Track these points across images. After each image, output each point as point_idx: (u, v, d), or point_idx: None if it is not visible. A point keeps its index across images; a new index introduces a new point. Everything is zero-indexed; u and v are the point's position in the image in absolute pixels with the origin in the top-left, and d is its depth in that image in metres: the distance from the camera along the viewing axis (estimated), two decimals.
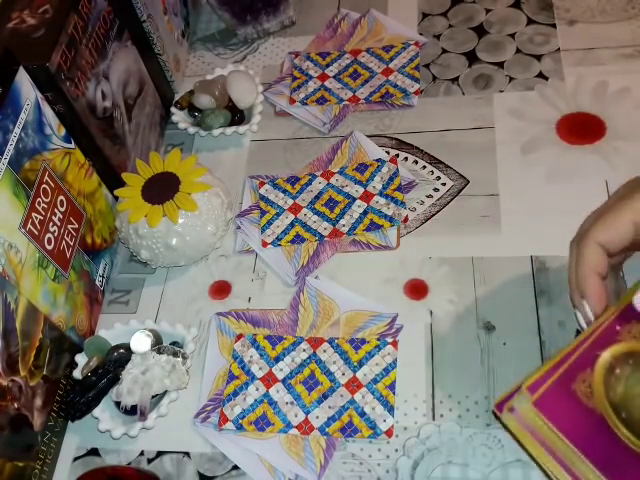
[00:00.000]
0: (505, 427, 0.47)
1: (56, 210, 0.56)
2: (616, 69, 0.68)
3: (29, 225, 0.52)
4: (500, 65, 0.72)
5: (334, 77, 0.74)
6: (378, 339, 0.56)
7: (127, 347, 0.57)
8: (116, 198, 0.63)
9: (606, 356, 0.43)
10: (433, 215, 0.63)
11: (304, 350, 0.56)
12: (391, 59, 0.74)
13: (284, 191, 0.67)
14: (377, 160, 0.67)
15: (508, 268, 0.58)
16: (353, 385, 0.54)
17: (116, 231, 0.66)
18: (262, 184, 0.68)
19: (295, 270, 0.61)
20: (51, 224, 0.55)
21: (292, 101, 0.73)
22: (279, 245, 0.63)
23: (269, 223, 0.64)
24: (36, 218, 0.53)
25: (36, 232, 0.53)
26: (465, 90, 0.71)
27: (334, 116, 0.71)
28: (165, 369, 0.55)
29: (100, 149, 0.61)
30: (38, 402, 0.53)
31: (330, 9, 0.82)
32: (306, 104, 0.73)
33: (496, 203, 0.62)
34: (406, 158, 0.67)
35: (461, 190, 0.64)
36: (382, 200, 0.64)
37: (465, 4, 0.79)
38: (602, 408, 0.41)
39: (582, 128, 0.65)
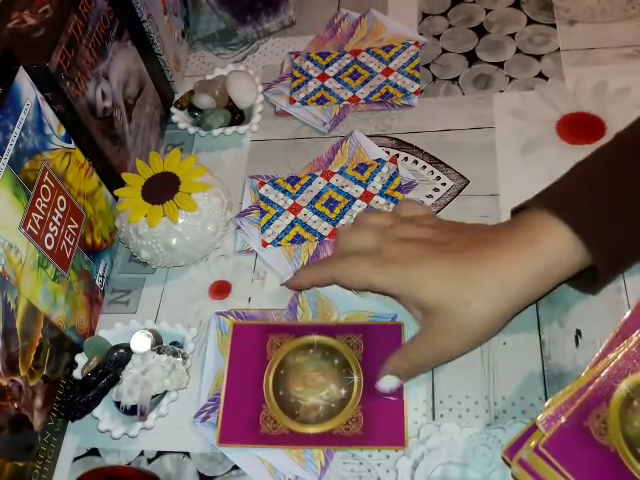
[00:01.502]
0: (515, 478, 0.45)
1: (56, 210, 0.56)
2: (616, 69, 0.68)
3: (29, 225, 0.52)
4: (500, 65, 0.72)
5: (334, 77, 0.74)
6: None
7: (127, 347, 0.57)
8: (116, 198, 0.63)
9: (623, 387, 0.41)
10: None
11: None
12: (391, 59, 0.74)
13: (284, 191, 0.67)
14: (377, 160, 0.67)
15: None
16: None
17: (116, 231, 0.66)
18: (262, 184, 0.68)
19: (295, 270, 0.61)
20: (51, 224, 0.55)
21: (292, 101, 0.73)
22: (279, 245, 0.63)
23: (269, 223, 0.64)
24: (36, 218, 0.53)
25: (36, 232, 0.53)
26: (465, 90, 0.71)
27: (334, 116, 0.71)
28: (165, 369, 0.55)
29: (100, 149, 0.61)
30: (38, 402, 0.53)
31: (330, 9, 0.82)
32: (306, 104, 0.73)
33: (496, 203, 0.62)
34: (406, 158, 0.67)
35: (461, 190, 0.64)
36: (382, 200, 0.64)
37: (465, 4, 0.79)
38: (617, 444, 0.40)
39: (582, 128, 0.65)
